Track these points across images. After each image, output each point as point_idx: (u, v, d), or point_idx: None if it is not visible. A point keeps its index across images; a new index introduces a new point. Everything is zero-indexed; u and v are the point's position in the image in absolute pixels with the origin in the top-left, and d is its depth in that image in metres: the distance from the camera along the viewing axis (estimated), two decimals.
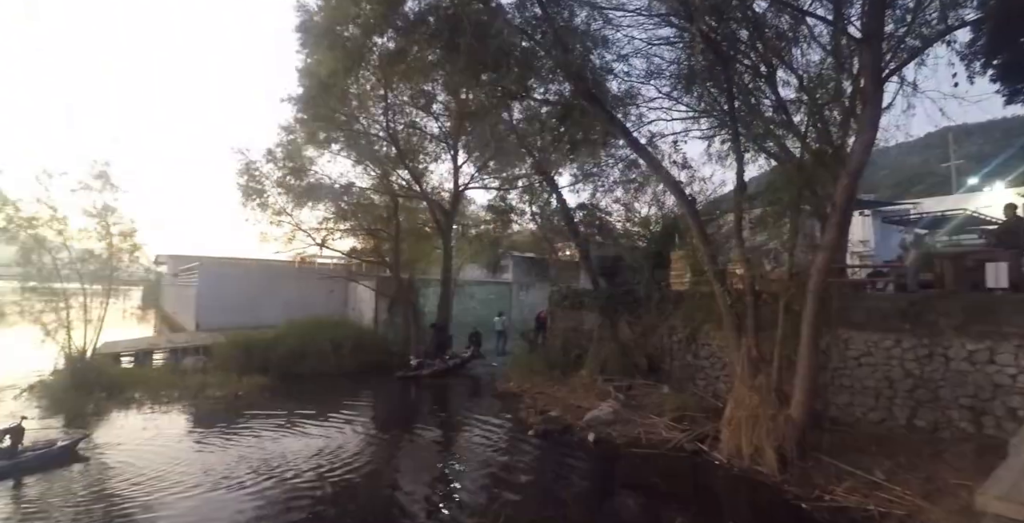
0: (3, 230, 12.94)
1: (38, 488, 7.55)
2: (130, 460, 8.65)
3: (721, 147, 11.36)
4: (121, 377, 13.95)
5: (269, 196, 18.25)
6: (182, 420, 11.40)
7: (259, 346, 16.04)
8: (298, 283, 22.43)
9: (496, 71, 10.93)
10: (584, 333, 14.41)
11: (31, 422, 10.49)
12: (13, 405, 11.75)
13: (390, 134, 17.16)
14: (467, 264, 21.52)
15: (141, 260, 16.89)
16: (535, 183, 17.23)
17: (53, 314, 13.30)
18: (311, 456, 8.86)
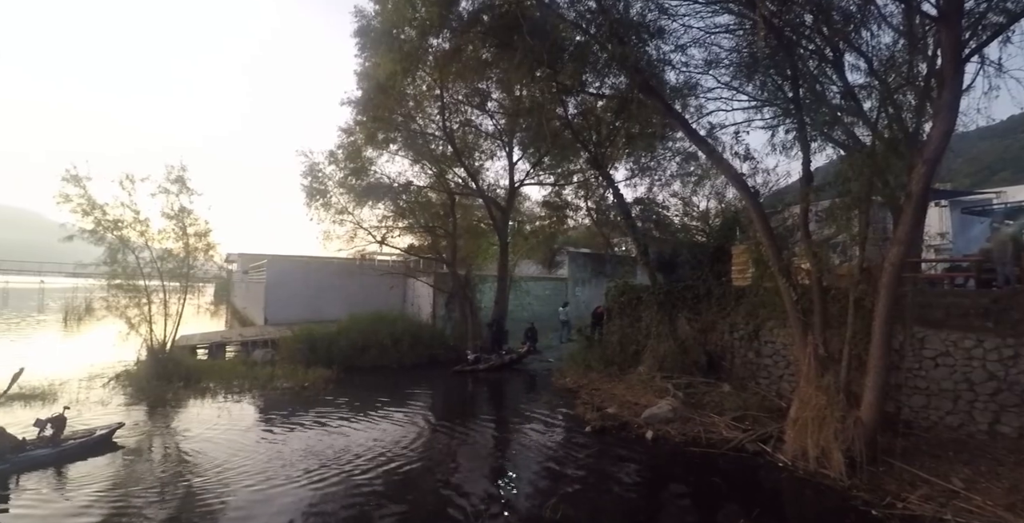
0: (92, 232, 13.82)
1: (115, 473, 7.99)
2: (202, 448, 9.10)
3: (786, 137, 10.90)
4: (197, 368, 14.81)
5: (332, 196, 18.89)
6: (252, 409, 11.93)
7: (323, 340, 16.65)
8: (359, 279, 23.11)
9: (551, 66, 10.89)
10: (641, 329, 14.21)
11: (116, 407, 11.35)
12: (102, 392, 12.68)
13: (446, 133, 17.43)
14: (523, 260, 21.59)
15: (214, 258, 17.78)
16: (591, 178, 17.10)
17: (136, 309, 14.20)
18: (372, 447, 9.11)
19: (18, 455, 7.87)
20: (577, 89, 12.57)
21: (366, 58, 14.43)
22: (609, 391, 12.44)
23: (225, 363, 16.49)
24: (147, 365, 14.07)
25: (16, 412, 10.89)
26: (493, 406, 13.77)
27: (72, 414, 10.16)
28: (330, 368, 15.19)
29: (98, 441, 8.93)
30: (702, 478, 8.01)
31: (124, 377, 13.84)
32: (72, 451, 8.45)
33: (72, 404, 11.26)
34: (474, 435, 10.57)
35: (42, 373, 13.80)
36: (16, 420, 9.93)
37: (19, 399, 11.56)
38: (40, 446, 8.28)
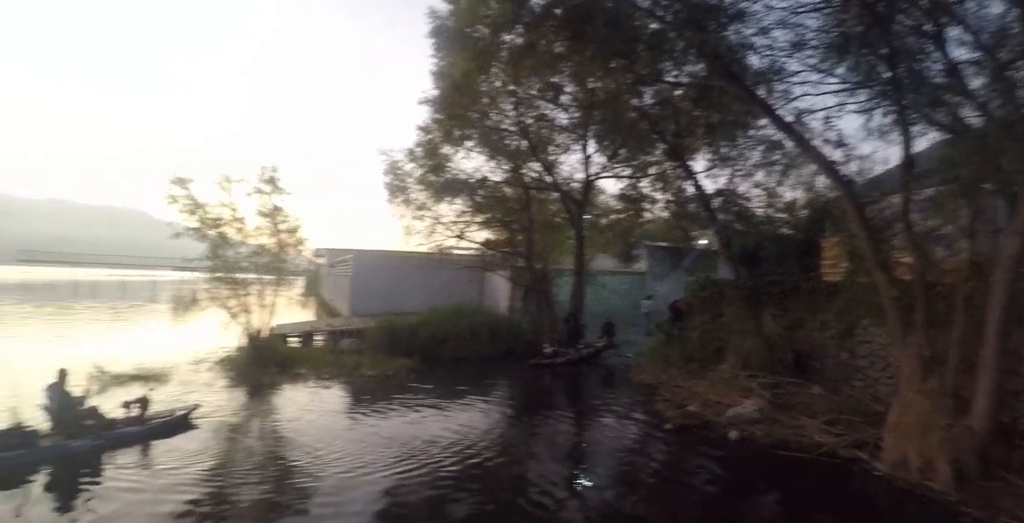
0: (196, 230, 14.98)
1: (212, 452, 8.50)
2: (294, 429, 9.62)
3: (883, 120, 10.08)
4: (289, 355, 15.74)
5: (412, 192, 19.47)
6: (340, 395, 12.53)
7: (405, 331, 17.15)
8: (438, 273, 23.68)
9: (625, 57, 10.63)
10: (724, 325, 13.69)
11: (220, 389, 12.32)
12: (207, 375, 13.78)
13: (520, 128, 17.48)
14: (599, 254, 21.35)
15: (304, 253, 18.77)
16: (668, 170, 16.63)
17: (236, 300, 15.22)
18: (451, 435, 9.29)
19: (111, 432, 8.56)
20: (653, 79, 12.21)
21: (441, 58, 14.66)
22: (690, 389, 12.10)
23: (314, 351, 17.47)
24: (245, 352, 15.14)
25: (134, 391, 11.98)
26: (570, 400, 13.79)
27: (182, 394, 11.39)
28: (411, 358, 15.66)
29: (178, 421, 9.59)
30: (790, 484, 7.64)
31: (226, 362, 14.97)
32: (156, 429, 9.10)
33: (182, 385, 12.47)
34: (551, 428, 10.64)
35: (156, 357, 15.25)
36: (137, 395, 10.98)
37: (137, 380, 12.74)
38: (129, 424, 8.96)
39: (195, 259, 15.48)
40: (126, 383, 12.30)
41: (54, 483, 7.22)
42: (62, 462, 7.70)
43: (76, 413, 8.42)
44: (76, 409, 8.45)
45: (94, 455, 8.00)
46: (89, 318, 29.65)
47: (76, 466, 7.63)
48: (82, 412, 8.51)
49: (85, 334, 22.94)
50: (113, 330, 24.81)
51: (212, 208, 15.02)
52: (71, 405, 8.42)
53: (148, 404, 9.47)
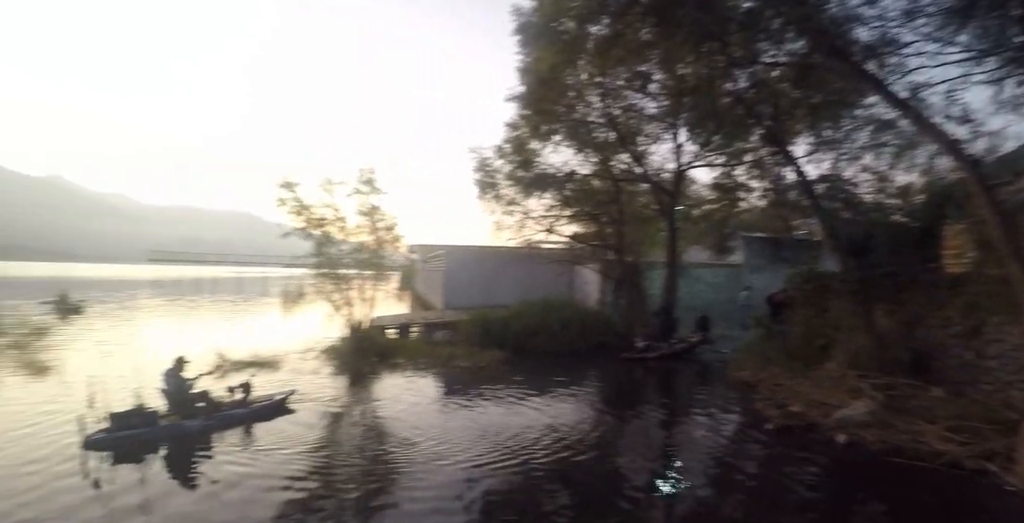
0: (302, 229, 16.10)
1: (317, 435, 8.96)
2: (391, 416, 10.08)
3: (1016, 91, 9.00)
4: (388, 346, 16.61)
5: (501, 188, 19.71)
6: (435, 385, 12.97)
7: (496, 324, 17.51)
8: (528, 267, 23.85)
9: (718, 39, 10.14)
10: (830, 321, 12.79)
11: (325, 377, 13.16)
12: (314, 363, 14.80)
13: (608, 119, 17.19)
14: (692, 246, 20.66)
15: (400, 249, 19.62)
16: (765, 156, 15.75)
17: (338, 294, 16.32)
18: (543, 428, 9.31)
19: (219, 414, 9.32)
20: (748, 61, 11.57)
21: (526, 54, 14.69)
22: (793, 388, 11.40)
23: (411, 342, 18.34)
24: (348, 342, 16.12)
25: (245, 377, 13.04)
26: (663, 396, 13.48)
27: (291, 380, 12.34)
28: (503, 350, 15.96)
29: (277, 405, 10.27)
30: (905, 494, 6.99)
31: (330, 351, 15.98)
32: (258, 412, 9.79)
33: (291, 372, 13.49)
34: (643, 423, 10.48)
35: (268, 345, 16.58)
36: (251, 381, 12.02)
37: (253, 366, 13.92)
38: (233, 407, 9.68)
39: (302, 256, 16.74)
40: (243, 369, 13.52)
41: (171, 458, 7.99)
42: (177, 440, 8.50)
43: (189, 396, 9.25)
44: (189, 393, 9.28)
45: (205, 434, 8.77)
46: (210, 310, 32.66)
47: (190, 444, 8.40)
48: (194, 395, 9.33)
49: (207, 324, 25.29)
50: (231, 321, 27.15)
51: (316, 209, 16.06)
52: (185, 389, 9.25)
53: (251, 389, 10.25)
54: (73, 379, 8.54)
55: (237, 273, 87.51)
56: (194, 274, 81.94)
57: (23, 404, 10.21)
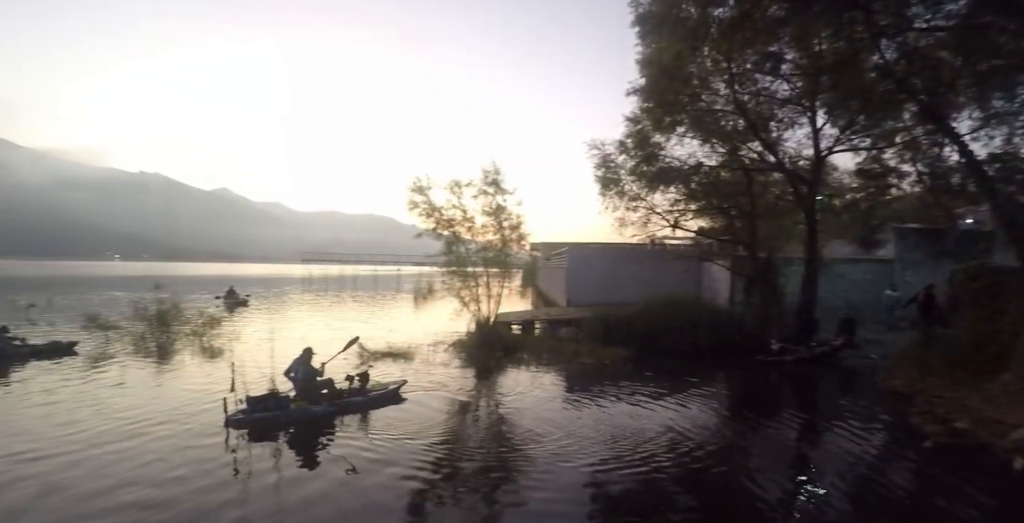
0: (433, 230, 17.03)
1: (444, 425, 9.20)
2: (515, 409, 10.28)
3: None
4: (512, 341, 17.12)
5: (624, 184, 19.39)
6: (558, 381, 13.02)
7: (620, 321, 17.26)
8: (653, 264, 23.28)
9: (862, 7, 9.20)
10: (1006, 324, 11.07)
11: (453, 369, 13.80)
12: (443, 356, 15.53)
13: (736, 106, 16.25)
14: (834, 240, 18.98)
15: (525, 247, 20.10)
16: (921, 136, 14.06)
17: (466, 291, 17.21)
18: (666, 432, 9.01)
19: (342, 401, 10.02)
20: (898, 28, 10.40)
21: (646, 45, 14.34)
22: (958, 401, 10.00)
23: (534, 338, 18.69)
24: (475, 336, 16.89)
25: (385, 366, 13.99)
26: (800, 403, 12.49)
27: (424, 371, 13.14)
28: (627, 349, 15.69)
29: (391, 394, 10.84)
30: None
31: (458, 345, 16.73)
32: (375, 400, 10.41)
33: (422, 363, 14.30)
34: (777, 432, 9.73)
35: (402, 337, 17.78)
36: (384, 372, 12.95)
37: (387, 356, 14.96)
38: (352, 395, 10.33)
39: (433, 255, 17.76)
40: (380, 359, 14.61)
41: (301, 440, 8.64)
42: (305, 423, 9.21)
43: (316, 383, 10.04)
44: (316, 380, 10.06)
45: (328, 419, 9.48)
46: (351, 304, 35.46)
47: (316, 428, 9.07)
48: (320, 383, 10.11)
49: (348, 317, 27.44)
50: (369, 314, 29.24)
51: (445, 210, 16.87)
52: (312, 376, 10.03)
53: (368, 378, 10.92)
54: (233, 363, 9.56)
55: (374, 271, 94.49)
56: (337, 272, 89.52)
57: (190, 383, 11.73)
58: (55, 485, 6.53)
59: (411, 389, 11.52)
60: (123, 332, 17.12)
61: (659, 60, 13.32)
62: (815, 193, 16.96)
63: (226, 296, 32.59)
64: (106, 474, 6.87)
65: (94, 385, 11.69)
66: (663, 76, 14.08)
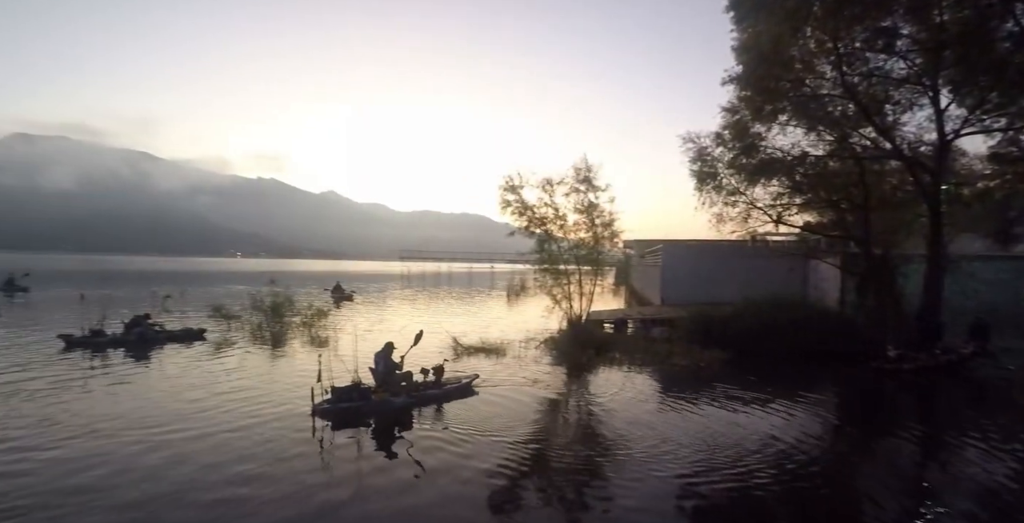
0: (525, 228, 17.21)
1: (534, 420, 9.15)
2: (605, 410, 10.06)
3: None
4: (604, 339, 16.83)
5: (722, 178, 18.62)
6: (651, 382, 12.68)
7: (718, 322, 16.61)
8: (753, 261, 22.16)
9: None
10: None
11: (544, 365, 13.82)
12: (534, 353, 15.57)
13: (845, 89, 15.04)
14: (964, 234, 17.12)
15: (618, 245, 19.85)
16: None
17: (558, 288, 17.29)
18: (766, 441, 8.42)
19: (420, 393, 10.30)
20: None
21: (742, 29, 13.64)
22: None
23: (627, 337, 18.42)
24: (566, 334, 16.85)
25: (477, 361, 14.32)
26: (921, 418, 11.14)
27: (517, 367, 13.31)
28: (724, 351, 15.01)
29: (465, 387, 11.04)
30: None
31: (549, 342, 16.69)
32: (450, 393, 10.64)
33: (514, 359, 14.44)
34: (893, 449, 8.78)
35: (494, 333, 18.06)
36: (476, 366, 13.27)
37: (481, 351, 15.27)
38: (428, 388, 10.59)
39: (525, 253, 18.06)
40: (473, 354, 14.98)
41: (381, 429, 8.94)
42: (385, 414, 9.48)
43: (396, 376, 10.34)
44: (395, 373, 10.36)
45: (407, 410, 9.74)
46: (446, 300, 36.65)
47: (396, 418, 9.35)
48: (400, 375, 10.40)
49: (443, 312, 28.32)
50: (462, 310, 30.06)
51: (537, 209, 16.99)
52: (392, 369, 10.34)
53: (443, 371, 11.13)
54: (320, 355, 10.08)
55: (468, 268, 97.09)
56: (433, 269, 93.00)
57: (296, 370, 12.52)
58: (183, 456, 7.26)
59: (500, 384, 11.65)
60: (243, 321, 18.90)
61: (756, 45, 12.61)
62: (939, 182, 15.38)
63: (333, 291, 34.89)
64: (224, 450, 7.53)
65: (219, 368, 12.96)
66: (762, 62, 13.31)
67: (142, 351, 14.98)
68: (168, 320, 19.16)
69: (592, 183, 17.17)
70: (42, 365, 12.86)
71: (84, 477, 6.52)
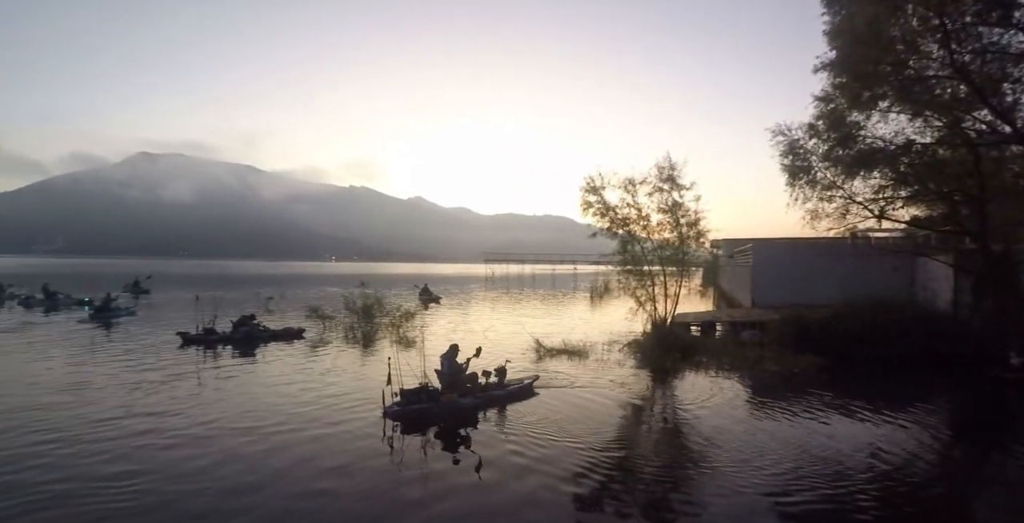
0: (608, 229, 17.02)
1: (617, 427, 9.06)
2: (692, 416, 9.71)
3: None
4: (691, 343, 16.35)
5: (816, 172, 17.57)
6: (740, 388, 12.17)
7: (814, 325, 15.71)
8: (853, 260, 20.64)
9: None
10: None
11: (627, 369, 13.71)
12: (617, 355, 15.38)
13: (956, 69, 13.71)
14: None
15: (705, 245, 19.25)
16: None
17: (642, 290, 16.98)
18: (864, 457, 7.75)
19: (485, 394, 10.37)
20: None
21: (834, 13, 12.80)
22: None
23: (715, 341, 17.85)
24: (651, 337, 16.50)
25: (559, 363, 14.35)
26: None
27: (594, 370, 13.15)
28: (820, 356, 14.15)
29: (527, 388, 11.07)
30: None
31: (633, 345, 16.41)
32: (513, 394, 10.69)
33: (596, 362, 14.32)
34: (1015, 469, 7.90)
35: (576, 335, 17.92)
36: (558, 368, 13.35)
37: (564, 353, 15.28)
38: (493, 388, 10.65)
39: (608, 254, 17.87)
40: (555, 356, 15.02)
41: (453, 435, 9.01)
42: (452, 415, 9.59)
43: (461, 377, 10.45)
44: (461, 375, 10.48)
45: (473, 411, 9.83)
46: (529, 302, 36.96)
47: (465, 421, 9.42)
48: (465, 377, 10.50)
49: (526, 314, 28.58)
50: (545, 312, 30.21)
51: (620, 210, 16.77)
52: (458, 371, 10.46)
53: (505, 373, 11.16)
54: (389, 358, 9.95)
55: (551, 270, 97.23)
56: (516, 271, 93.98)
57: (377, 372, 12.28)
58: (280, 448, 7.85)
59: (583, 387, 11.63)
60: (337, 322, 20.04)
61: (851, 27, 11.77)
62: None
63: (421, 293, 36.16)
64: (314, 445, 8.03)
65: (313, 366, 13.90)
66: (858, 45, 12.40)
67: (248, 348, 16.42)
68: (270, 320, 20.78)
69: (676, 181, 16.72)
70: (163, 359, 14.58)
71: (192, 466, 7.13)
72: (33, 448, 7.68)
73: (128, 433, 8.36)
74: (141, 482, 6.52)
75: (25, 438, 8.11)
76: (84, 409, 9.67)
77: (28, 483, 6.45)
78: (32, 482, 6.48)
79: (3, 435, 8.25)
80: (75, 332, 19.75)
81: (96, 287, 34.72)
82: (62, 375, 12.53)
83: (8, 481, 6.52)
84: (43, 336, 18.84)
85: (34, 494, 6.14)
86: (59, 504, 5.93)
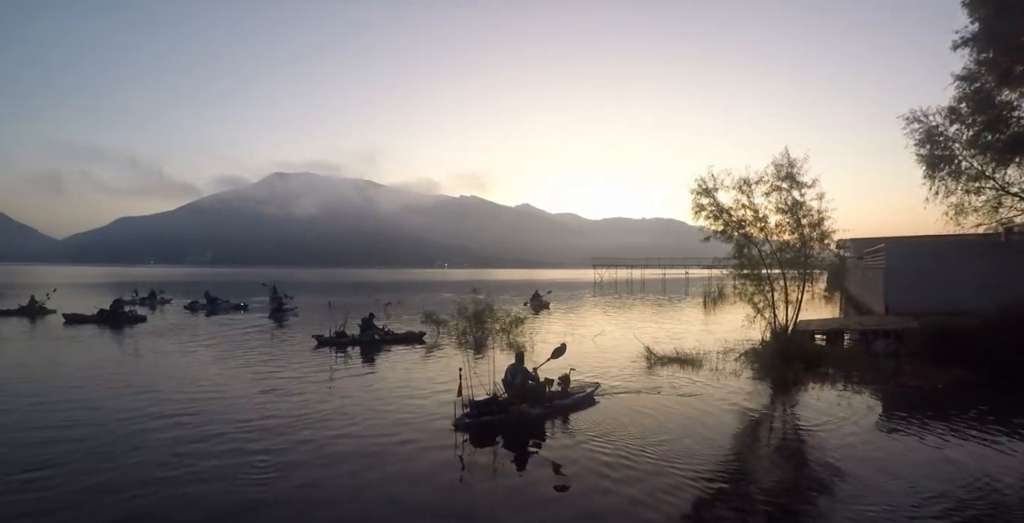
0: (722, 232, 16.23)
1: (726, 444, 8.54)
2: (816, 439, 8.71)
3: None
4: (815, 352, 15.16)
5: (960, 160, 15.87)
6: (873, 404, 11.05)
7: (959, 334, 14.02)
8: (1007, 260, 18.30)
9: None
10: None
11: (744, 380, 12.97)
12: (734, 365, 14.62)
13: None
14: None
15: (829, 246, 17.91)
16: None
17: (760, 296, 15.98)
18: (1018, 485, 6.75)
19: (552, 403, 10.17)
20: None
21: None
22: None
23: (843, 351, 16.41)
24: (770, 346, 15.48)
25: (671, 372, 13.96)
26: None
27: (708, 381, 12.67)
28: (968, 370, 12.61)
29: (589, 397, 10.83)
30: None
31: (751, 354, 15.54)
32: (578, 402, 10.47)
33: (711, 372, 13.72)
34: None
35: (689, 343, 17.28)
36: (669, 377, 13.06)
37: (675, 362, 14.81)
38: (558, 397, 10.42)
39: (723, 258, 17.18)
40: (667, 365, 14.60)
41: (520, 440, 8.83)
42: (521, 425, 9.38)
43: (529, 386, 10.28)
44: (529, 383, 10.32)
45: (540, 421, 9.63)
46: (639, 308, 36.28)
47: (536, 433, 9.14)
48: (532, 386, 10.33)
49: (637, 320, 27.99)
50: (656, 317, 29.57)
51: (735, 212, 15.92)
52: (526, 380, 10.33)
53: (569, 381, 10.94)
54: (461, 368, 9.71)
55: (661, 274, 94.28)
56: (625, 276, 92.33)
57: (486, 380, 11.91)
58: (381, 455, 8.03)
59: (694, 395, 11.26)
60: (450, 327, 20.72)
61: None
62: None
63: (532, 299, 36.68)
64: (403, 450, 8.21)
65: (426, 370, 14.53)
66: (1007, 14, 11.04)
67: (374, 350, 17.77)
68: (391, 324, 22.29)
69: (796, 179, 15.59)
70: (299, 359, 16.18)
71: (305, 471, 7.35)
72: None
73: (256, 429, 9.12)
74: (256, 475, 7.03)
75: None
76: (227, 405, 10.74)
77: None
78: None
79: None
80: (251, 330, 23.63)
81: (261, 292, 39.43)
82: (249, 375, 13.96)
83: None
84: (225, 333, 22.44)
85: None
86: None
